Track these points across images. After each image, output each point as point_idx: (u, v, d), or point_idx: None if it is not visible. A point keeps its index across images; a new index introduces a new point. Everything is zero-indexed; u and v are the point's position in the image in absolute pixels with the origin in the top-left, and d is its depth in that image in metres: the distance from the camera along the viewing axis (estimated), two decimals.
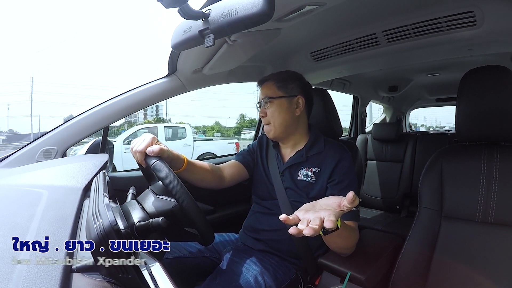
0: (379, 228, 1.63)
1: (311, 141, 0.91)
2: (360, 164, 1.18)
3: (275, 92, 0.90)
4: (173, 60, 0.98)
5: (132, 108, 0.99)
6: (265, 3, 0.45)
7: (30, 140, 0.92)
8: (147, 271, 0.45)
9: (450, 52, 1.11)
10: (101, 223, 0.39)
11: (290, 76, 0.93)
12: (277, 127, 0.89)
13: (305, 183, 0.87)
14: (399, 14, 0.93)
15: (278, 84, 0.90)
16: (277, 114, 0.89)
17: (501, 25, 0.86)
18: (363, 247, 0.82)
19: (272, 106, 0.89)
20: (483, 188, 0.73)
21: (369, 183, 2.13)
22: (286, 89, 0.90)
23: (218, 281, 0.77)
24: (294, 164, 0.90)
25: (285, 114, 0.89)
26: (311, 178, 0.87)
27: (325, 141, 0.92)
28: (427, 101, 3.11)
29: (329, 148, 0.89)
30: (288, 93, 0.90)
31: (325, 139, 0.93)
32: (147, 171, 0.71)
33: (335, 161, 0.84)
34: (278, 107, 0.89)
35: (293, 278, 0.84)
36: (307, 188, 0.87)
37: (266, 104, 0.90)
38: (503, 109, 0.71)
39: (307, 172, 0.88)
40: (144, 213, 0.58)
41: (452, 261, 0.73)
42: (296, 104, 0.90)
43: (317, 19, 0.91)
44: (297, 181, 0.88)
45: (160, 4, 0.45)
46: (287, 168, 0.91)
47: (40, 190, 0.54)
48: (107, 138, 1.01)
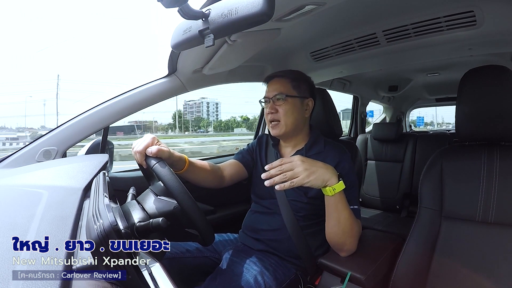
0: (379, 228, 1.63)
1: (311, 141, 0.92)
2: (360, 164, 1.18)
3: (290, 90, 0.89)
4: (173, 60, 0.97)
5: (132, 108, 0.99)
6: (265, 3, 0.45)
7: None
8: (147, 271, 0.45)
9: (450, 52, 1.11)
10: (101, 223, 0.39)
11: (303, 77, 0.94)
12: (288, 126, 0.88)
13: None
14: (399, 14, 0.93)
15: (293, 83, 0.90)
16: (290, 113, 0.88)
17: (501, 25, 0.86)
18: (363, 247, 0.82)
19: (286, 105, 0.87)
20: (483, 188, 0.73)
21: (369, 183, 2.13)
22: (300, 90, 0.90)
23: (218, 281, 0.77)
24: None
25: (297, 114, 0.89)
26: None
27: (325, 142, 0.92)
28: (427, 101, 3.12)
29: (329, 149, 0.90)
30: (301, 94, 0.90)
31: (325, 139, 0.93)
32: (147, 171, 0.71)
33: (335, 162, 0.84)
34: (292, 106, 0.88)
35: (293, 278, 0.84)
36: (305, 188, 0.86)
37: (279, 101, 0.88)
38: (503, 109, 0.71)
39: None
40: (144, 213, 0.58)
41: (452, 261, 0.73)
42: (306, 105, 0.91)
43: (317, 19, 0.91)
44: None
45: (160, 4, 0.45)
46: None
47: (40, 190, 0.54)
48: (107, 138, 1.01)
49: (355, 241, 0.78)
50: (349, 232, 0.76)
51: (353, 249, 0.78)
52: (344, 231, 0.75)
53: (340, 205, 0.73)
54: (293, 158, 0.69)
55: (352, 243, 0.78)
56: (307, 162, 0.68)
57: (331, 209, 0.74)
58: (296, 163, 0.67)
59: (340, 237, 0.76)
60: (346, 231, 0.75)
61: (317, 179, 0.68)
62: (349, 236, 0.76)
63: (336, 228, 0.75)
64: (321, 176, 0.68)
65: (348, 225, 0.75)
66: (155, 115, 33.57)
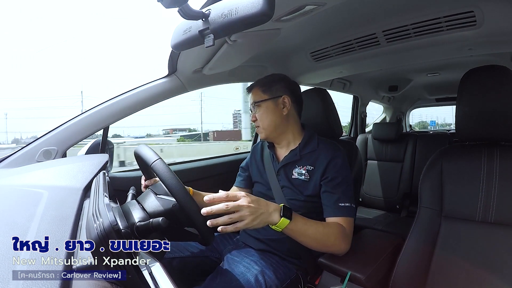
0: (379, 228, 1.63)
1: (305, 139, 0.92)
2: (360, 164, 1.18)
3: (261, 96, 0.92)
4: (173, 60, 0.98)
5: (132, 108, 0.99)
6: (265, 3, 0.45)
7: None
8: (147, 271, 0.45)
9: (450, 52, 1.11)
10: (101, 223, 0.39)
11: (273, 78, 0.95)
12: (266, 129, 0.92)
13: (300, 181, 0.88)
14: (399, 14, 0.93)
15: (262, 88, 0.93)
16: (264, 117, 0.91)
17: (501, 25, 0.86)
18: (363, 247, 0.82)
19: (260, 110, 0.92)
20: (483, 188, 0.73)
21: (369, 183, 2.13)
22: (271, 91, 0.92)
23: (218, 281, 0.77)
24: (289, 163, 0.91)
25: (272, 115, 0.91)
26: (305, 176, 0.87)
27: (318, 140, 0.92)
28: (427, 101, 3.11)
29: (323, 147, 0.90)
30: (272, 95, 0.92)
31: (319, 138, 0.93)
32: (147, 171, 0.71)
33: (328, 158, 0.85)
34: (265, 110, 0.91)
35: (294, 277, 0.84)
36: (301, 187, 0.88)
37: (255, 109, 0.93)
38: (503, 109, 0.71)
39: (301, 171, 0.88)
40: (144, 213, 0.58)
41: (452, 261, 0.73)
42: (282, 104, 0.92)
43: (317, 19, 0.91)
44: (292, 180, 0.89)
45: (160, 4, 0.45)
46: (282, 167, 0.92)
47: (40, 190, 0.54)
48: (107, 138, 1.01)
49: (340, 245, 0.77)
50: (325, 243, 0.75)
51: (343, 249, 0.77)
52: (320, 245, 0.76)
53: (297, 234, 0.71)
54: (240, 196, 0.64)
55: (337, 248, 0.77)
56: (253, 204, 0.64)
57: (293, 236, 0.73)
58: (242, 206, 0.62)
59: (321, 248, 0.77)
60: (322, 244, 0.75)
61: (259, 224, 0.65)
62: (330, 246, 0.76)
63: (312, 245, 0.75)
64: (264, 220, 0.66)
65: (320, 240, 0.74)
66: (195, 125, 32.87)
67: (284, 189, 0.90)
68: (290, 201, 0.87)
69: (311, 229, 0.73)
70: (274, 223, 0.67)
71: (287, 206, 0.70)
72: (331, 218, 0.81)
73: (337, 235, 0.76)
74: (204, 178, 1.33)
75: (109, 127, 1.00)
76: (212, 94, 45.38)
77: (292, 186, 0.89)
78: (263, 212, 0.65)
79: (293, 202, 0.87)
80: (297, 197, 0.87)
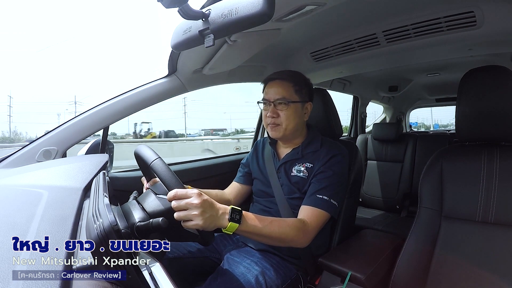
0: (379, 228, 1.63)
1: (308, 139, 0.92)
2: (360, 164, 1.18)
3: (293, 95, 0.88)
4: (173, 60, 0.98)
5: (132, 108, 0.99)
6: (265, 3, 0.45)
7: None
8: (147, 271, 0.45)
9: (450, 52, 1.12)
10: (101, 223, 0.39)
11: (304, 81, 0.92)
12: (288, 130, 0.88)
13: (298, 178, 0.88)
14: (399, 14, 0.93)
15: (296, 87, 0.88)
16: (291, 118, 0.87)
17: (501, 25, 0.86)
18: (363, 247, 0.82)
19: (288, 110, 0.86)
20: (483, 188, 0.73)
21: (369, 183, 2.13)
22: (301, 94, 0.89)
23: (219, 281, 0.77)
24: (289, 161, 0.91)
25: (298, 119, 0.89)
26: (303, 174, 0.88)
27: (322, 140, 0.92)
28: (427, 101, 3.11)
29: (325, 147, 0.90)
30: (302, 99, 0.89)
31: (322, 138, 0.93)
32: (147, 172, 0.71)
33: (328, 156, 0.85)
34: (293, 111, 0.87)
35: (294, 278, 0.84)
36: (299, 184, 0.88)
37: (280, 105, 0.86)
38: (503, 109, 0.72)
39: (300, 168, 0.89)
40: (144, 213, 0.58)
41: (452, 261, 0.73)
42: (305, 109, 0.91)
43: (317, 19, 0.91)
44: (291, 177, 0.90)
45: (160, 4, 0.45)
46: (282, 165, 0.92)
47: (40, 190, 0.54)
48: (107, 138, 1.01)
49: (298, 241, 0.74)
50: (283, 241, 0.73)
51: (302, 245, 0.76)
52: (277, 243, 0.74)
53: (250, 235, 0.69)
54: (191, 194, 0.58)
55: (295, 244, 0.75)
56: (204, 205, 0.59)
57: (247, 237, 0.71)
58: (192, 204, 0.57)
59: (279, 245, 0.78)
60: (280, 241, 0.73)
61: (209, 225, 0.60)
62: (289, 242, 0.74)
63: (269, 243, 0.75)
64: (213, 222, 0.61)
65: (277, 239, 0.71)
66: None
67: (284, 186, 0.90)
68: (290, 200, 0.88)
69: (265, 229, 0.69)
70: (223, 226, 0.63)
71: (236, 208, 0.65)
72: (303, 206, 0.80)
73: (296, 232, 0.73)
74: (204, 178, 1.32)
75: (109, 127, 1.00)
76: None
77: (290, 184, 0.89)
78: (212, 214, 0.60)
79: (292, 201, 0.87)
80: (295, 195, 0.88)
